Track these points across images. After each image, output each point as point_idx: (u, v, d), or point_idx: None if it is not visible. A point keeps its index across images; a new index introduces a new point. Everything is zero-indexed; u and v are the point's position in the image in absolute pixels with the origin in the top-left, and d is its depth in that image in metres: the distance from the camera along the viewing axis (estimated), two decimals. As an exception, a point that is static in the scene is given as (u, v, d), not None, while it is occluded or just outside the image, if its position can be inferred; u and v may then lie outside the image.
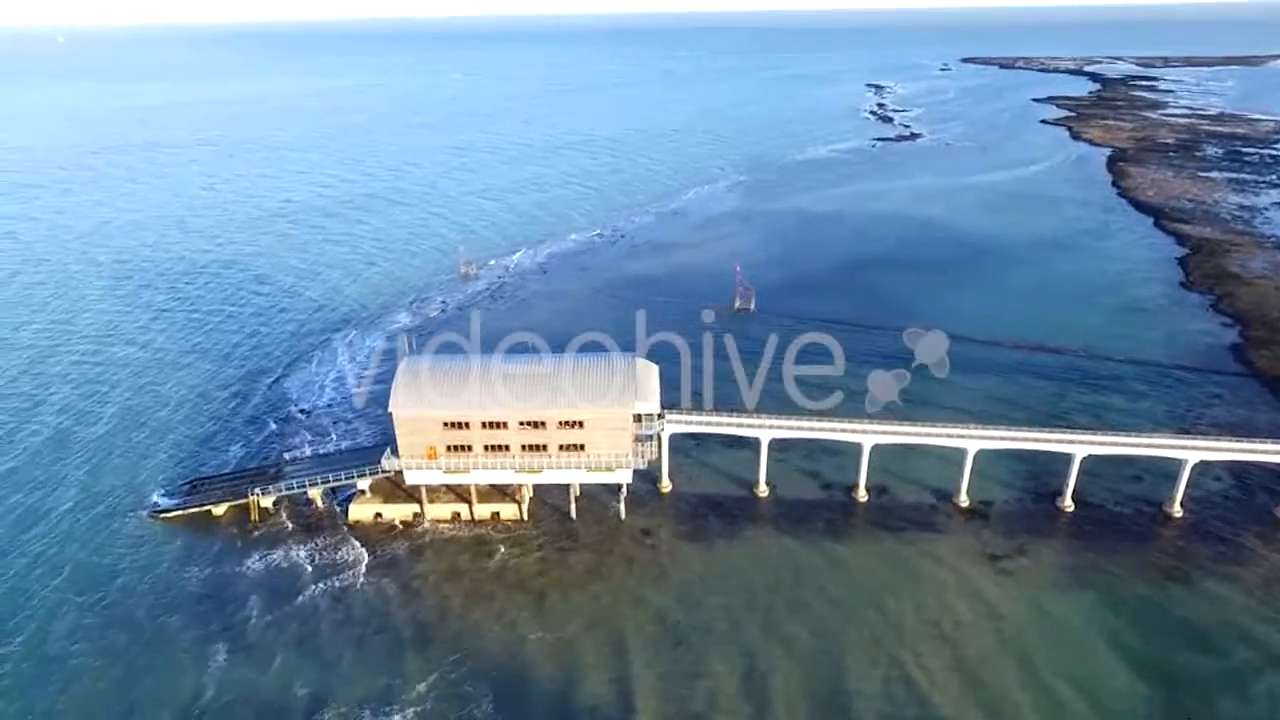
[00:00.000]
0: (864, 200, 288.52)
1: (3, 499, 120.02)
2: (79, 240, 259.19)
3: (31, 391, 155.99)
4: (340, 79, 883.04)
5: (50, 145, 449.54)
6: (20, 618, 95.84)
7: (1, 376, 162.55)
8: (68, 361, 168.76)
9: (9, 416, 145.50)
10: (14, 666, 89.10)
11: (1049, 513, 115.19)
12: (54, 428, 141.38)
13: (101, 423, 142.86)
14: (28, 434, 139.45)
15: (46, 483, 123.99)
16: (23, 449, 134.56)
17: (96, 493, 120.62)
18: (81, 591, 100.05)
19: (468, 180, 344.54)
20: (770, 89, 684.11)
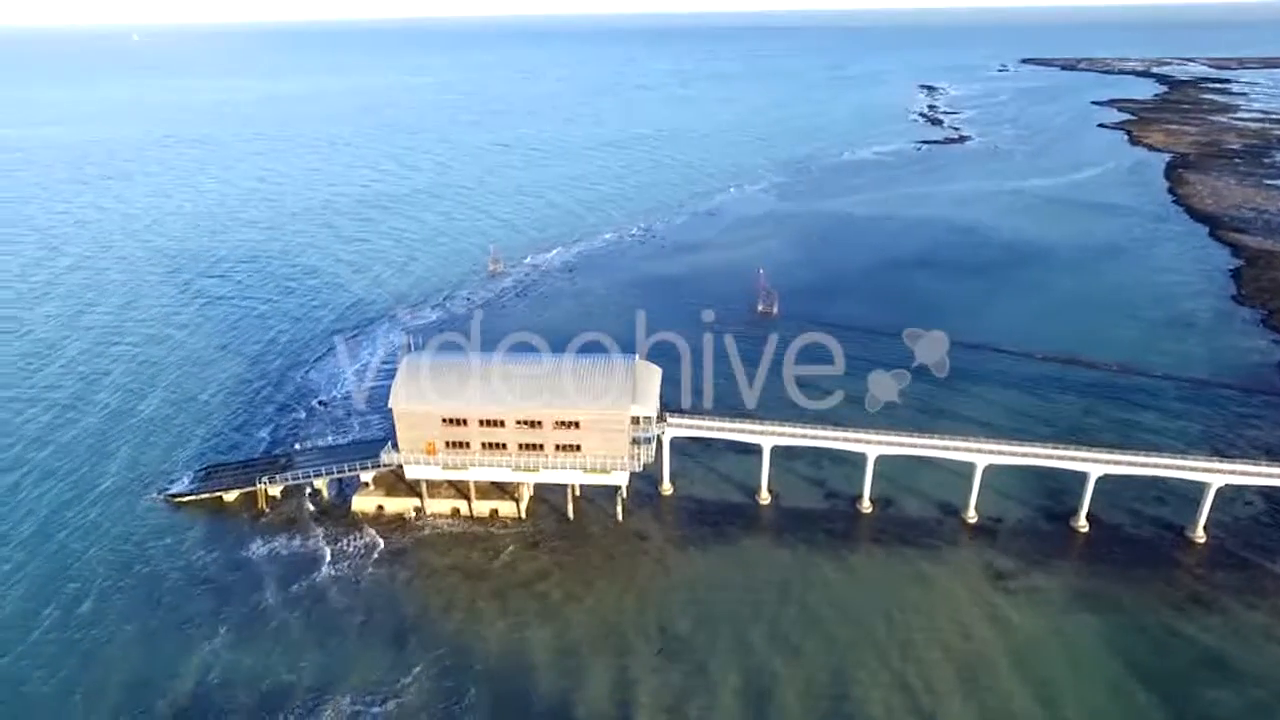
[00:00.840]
0: (903, 204, 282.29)
1: (39, 477, 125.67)
2: (142, 229, 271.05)
3: (85, 372, 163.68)
4: (393, 76, 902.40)
5: (121, 137, 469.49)
6: (41, 593, 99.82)
7: (58, 358, 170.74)
8: (119, 346, 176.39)
9: (61, 396, 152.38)
10: (25, 640, 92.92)
11: (1061, 533, 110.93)
12: (98, 409, 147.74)
13: (139, 406, 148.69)
14: (75, 414, 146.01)
15: (82, 462, 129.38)
16: (67, 429, 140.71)
17: (122, 474, 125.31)
18: (96, 570, 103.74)
19: (510, 177, 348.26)
20: (821, 90, 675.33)
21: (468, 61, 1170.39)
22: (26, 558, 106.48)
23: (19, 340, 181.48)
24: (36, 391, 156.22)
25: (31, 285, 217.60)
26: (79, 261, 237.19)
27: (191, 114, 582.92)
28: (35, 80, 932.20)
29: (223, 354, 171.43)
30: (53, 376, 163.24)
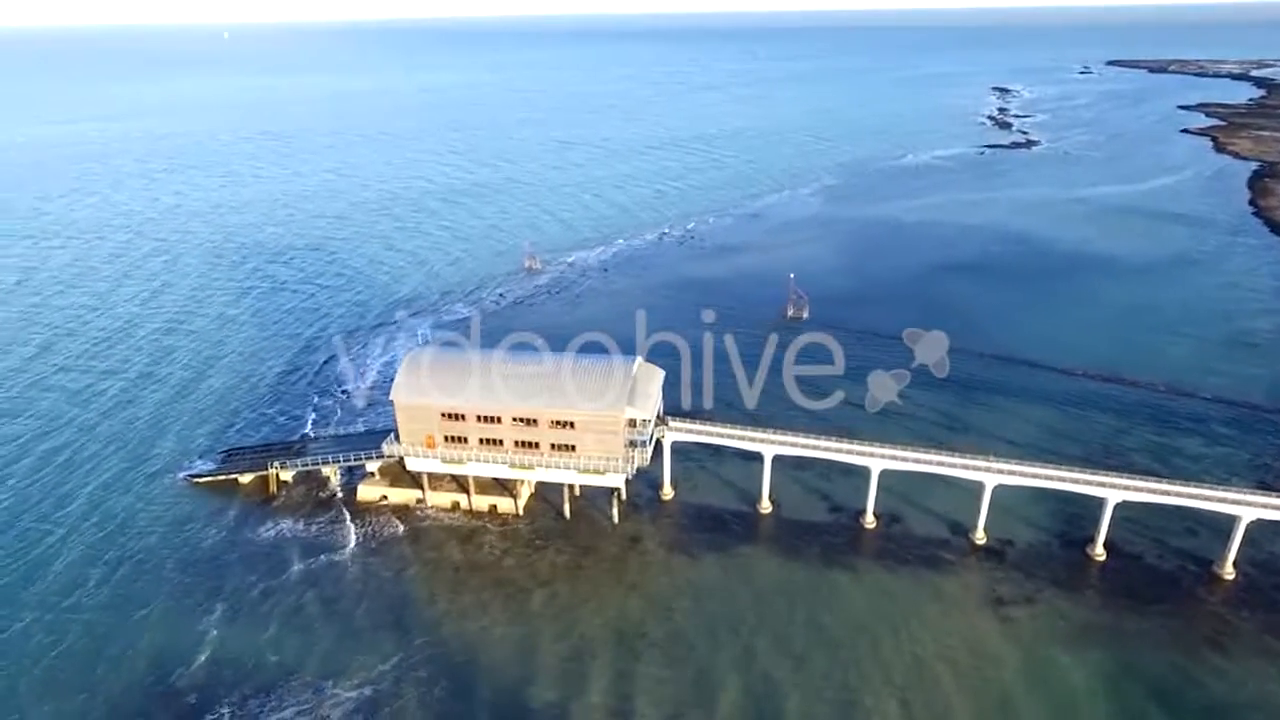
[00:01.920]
0: (957, 210, 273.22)
1: (95, 450, 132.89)
2: (216, 217, 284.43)
3: (151, 351, 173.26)
4: (463, 74, 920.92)
5: (205, 130, 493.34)
6: (59, 563, 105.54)
7: (131, 337, 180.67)
8: (183, 329, 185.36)
9: (96, 378, 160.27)
10: (42, 605, 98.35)
11: (1076, 560, 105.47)
12: (157, 387, 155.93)
13: (172, 387, 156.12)
14: (138, 390, 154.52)
15: (112, 440, 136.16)
16: (102, 405, 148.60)
17: (148, 453, 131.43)
18: (114, 543, 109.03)
19: (566, 174, 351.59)
20: (890, 90, 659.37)
21: (534, 59, 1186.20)
22: (68, 530, 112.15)
23: (101, 318, 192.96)
24: (109, 365, 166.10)
25: (117, 268, 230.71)
26: (159, 247, 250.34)
27: (269, 109, 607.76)
28: (132, 75, 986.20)
29: (271, 341, 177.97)
30: (124, 353, 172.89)
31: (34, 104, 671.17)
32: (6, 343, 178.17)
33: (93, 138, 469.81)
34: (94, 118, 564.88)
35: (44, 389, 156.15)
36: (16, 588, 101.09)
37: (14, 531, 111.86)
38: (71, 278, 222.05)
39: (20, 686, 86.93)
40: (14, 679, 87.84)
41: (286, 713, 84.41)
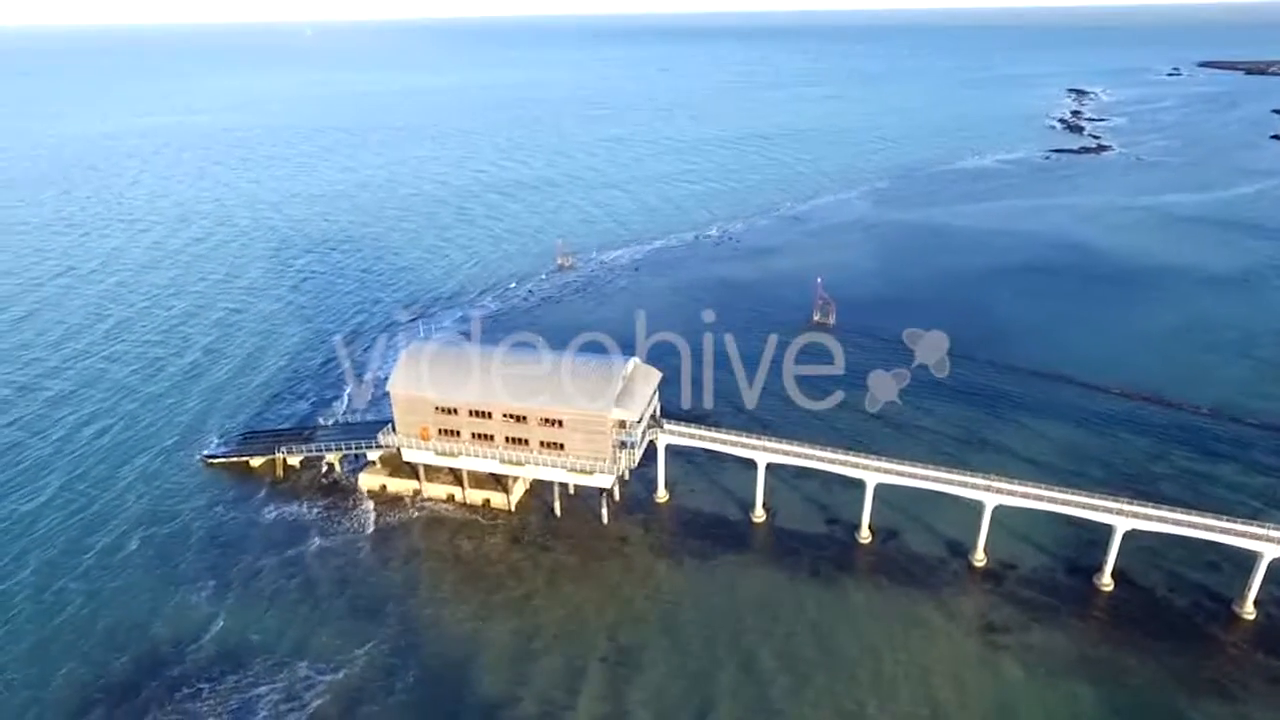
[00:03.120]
0: (1010, 217, 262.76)
1: (123, 426, 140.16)
2: (267, 207, 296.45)
3: (186, 333, 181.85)
4: (532, 71, 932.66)
5: (285, 123, 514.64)
6: (68, 532, 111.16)
7: (168, 319, 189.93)
8: (219, 312, 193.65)
9: (152, 359, 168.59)
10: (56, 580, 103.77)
11: (1081, 589, 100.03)
12: (186, 368, 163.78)
13: (221, 368, 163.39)
14: (169, 370, 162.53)
15: (151, 418, 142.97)
16: (157, 383, 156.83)
17: (177, 432, 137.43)
18: (129, 518, 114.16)
19: (616, 172, 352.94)
20: (962, 92, 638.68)
21: (606, 56, 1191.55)
22: (85, 500, 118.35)
23: (141, 299, 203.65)
24: (142, 347, 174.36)
25: (165, 252, 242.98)
26: (205, 233, 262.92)
27: (343, 103, 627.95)
28: (221, 71, 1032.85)
29: (304, 327, 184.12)
30: (158, 334, 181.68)
31: (129, 98, 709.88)
32: (82, 321, 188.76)
33: (183, 129, 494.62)
34: (184, 110, 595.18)
35: (106, 365, 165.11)
36: (28, 552, 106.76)
37: (33, 495, 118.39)
38: (150, 261, 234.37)
39: (14, 650, 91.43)
40: (8, 644, 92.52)
41: (261, 689, 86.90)
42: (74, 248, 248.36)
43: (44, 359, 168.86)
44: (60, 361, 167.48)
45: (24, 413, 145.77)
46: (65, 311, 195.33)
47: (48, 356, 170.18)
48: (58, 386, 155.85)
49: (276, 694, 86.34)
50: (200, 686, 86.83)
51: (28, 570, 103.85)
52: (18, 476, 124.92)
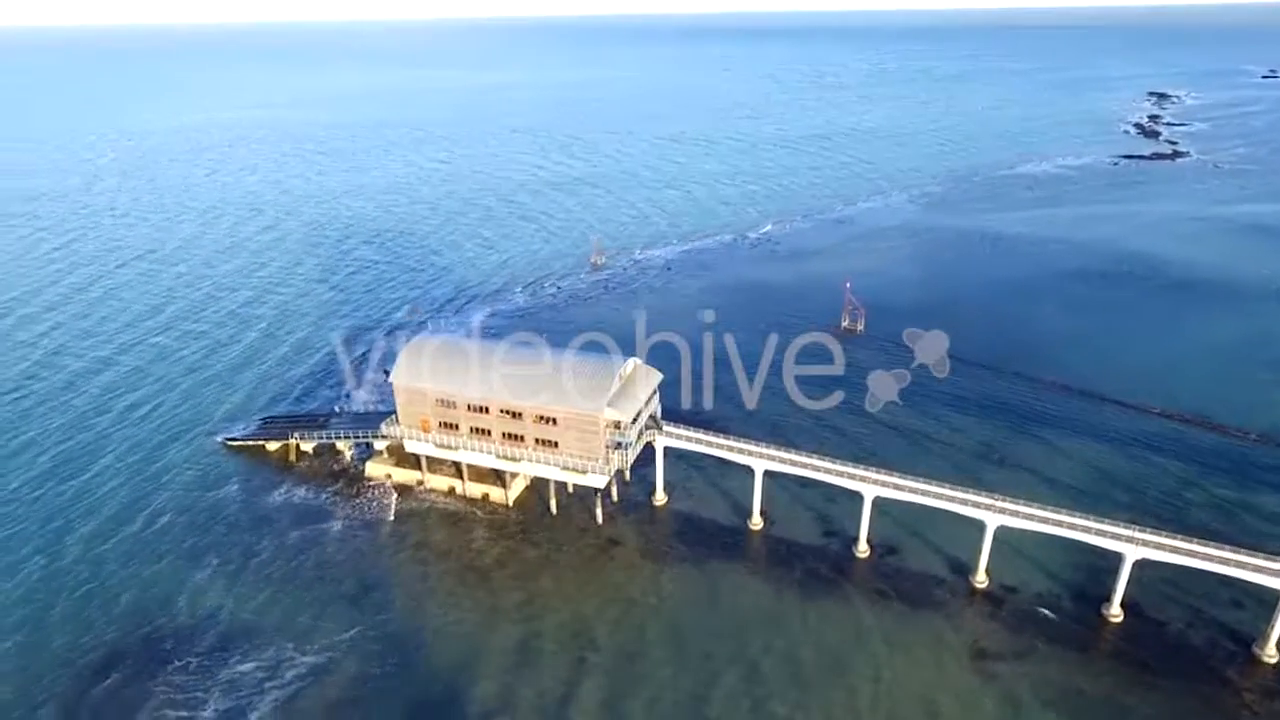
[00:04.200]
0: (1068, 225, 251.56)
1: (168, 406, 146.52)
2: (329, 200, 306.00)
3: (244, 316, 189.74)
4: (599, 70, 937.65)
5: (352, 119, 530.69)
6: (84, 505, 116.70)
7: (226, 305, 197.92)
8: (271, 302, 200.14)
9: (220, 336, 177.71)
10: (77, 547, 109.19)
11: (1087, 618, 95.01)
12: (235, 351, 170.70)
13: (246, 352, 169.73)
14: (221, 353, 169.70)
15: (179, 398, 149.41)
16: (184, 365, 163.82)
17: (203, 413, 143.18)
18: (147, 497, 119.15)
19: (666, 171, 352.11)
20: (1036, 93, 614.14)
21: (673, 55, 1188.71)
22: (103, 477, 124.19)
23: (208, 285, 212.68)
24: (204, 328, 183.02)
25: (235, 241, 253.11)
26: (272, 223, 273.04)
27: (408, 100, 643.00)
28: (298, 68, 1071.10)
29: (347, 318, 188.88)
30: (216, 318, 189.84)
31: (207, 93, 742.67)
32: (150, 304, 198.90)
33: (258, 123, 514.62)
34: (259, 105, 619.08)
35: (165, 347, 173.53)
36: (45, 521, 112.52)
37: (59, 468, 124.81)
38: (220, 250, 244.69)
39: (14, 617, 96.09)
40: (11, 609, 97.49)
41: (248, 666, 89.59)
42: (153, 235, 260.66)
43: (113, 337, 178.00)
44: (125, 340, 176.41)
45: (85, 389, 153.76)
46: (138, 294, 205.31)
47: (117, 335, 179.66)
48: (121, 363, 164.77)
49: (261, 671, 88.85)
50: (189, 660, 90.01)
51: (40, 540, 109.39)
52: (65, 449, 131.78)
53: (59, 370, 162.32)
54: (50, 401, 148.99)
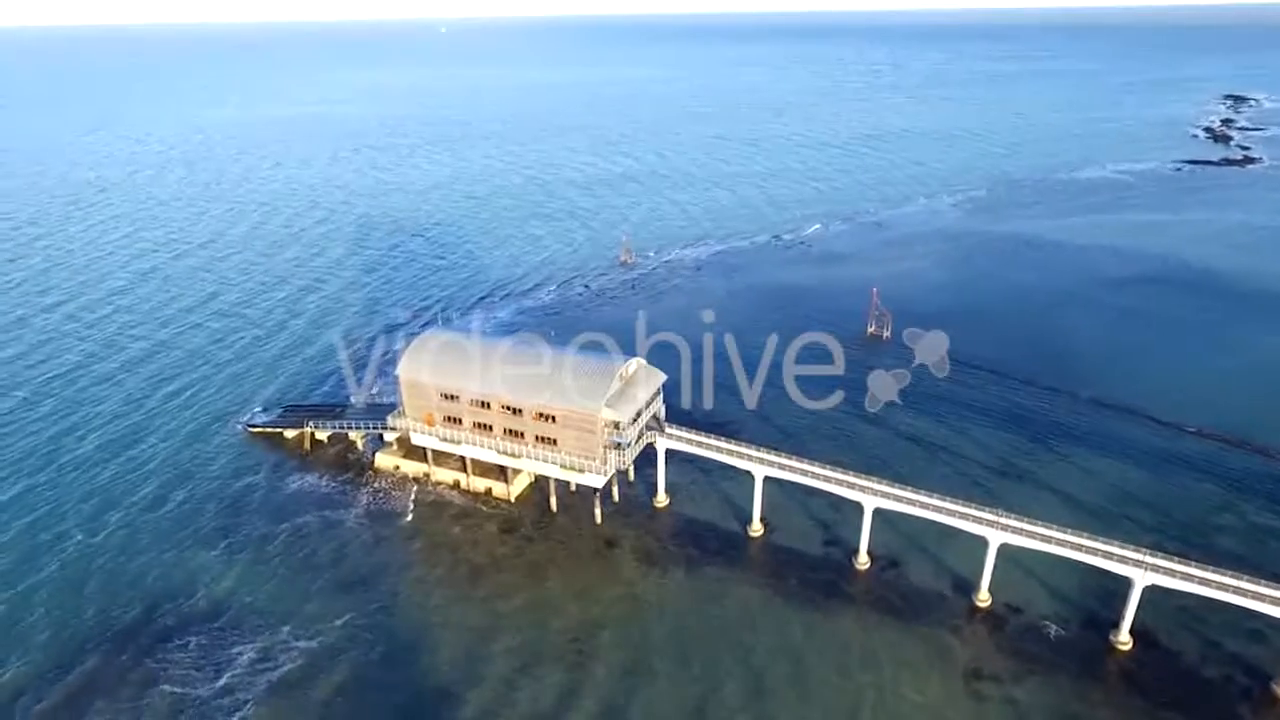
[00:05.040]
0: (1118, 232, 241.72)
1: (207, 390, 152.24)
2: (382, 194, 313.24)
3: (293, 306, 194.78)
4: (651, 69, 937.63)
5: (409, 114, 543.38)
6: (135, 490, 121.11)
7: (279, 293, 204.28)
8: (319, 292, 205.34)
9: (269, 323, 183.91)
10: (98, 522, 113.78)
11: (1093, 645, 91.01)
12: (281, 337, 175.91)
13: (288, 340, 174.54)
14: (241, 340, 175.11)
15: (219, 384, 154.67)
16: (230, 351, 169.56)
17: (234, 399, 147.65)
18: (169, 476, 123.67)
19: (709, 170, 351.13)
20: (1102, 95, 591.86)
21: (728, 55, 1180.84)
22: (151, 460, 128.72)
23: (263, 274, 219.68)
24: (252, 316, 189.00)
25: (288, 233, 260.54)
26: (323, 217, 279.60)
27: (462, 98, 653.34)
28: (365, 65, 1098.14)
29: (385, 310, 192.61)
30: (264, 307, 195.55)
31: (275, 89, 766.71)
32: (205, 290, 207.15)
33: (320, 119, 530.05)
34: (322, 101, 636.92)
35: (208, 331, 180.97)
36: (85, 498, 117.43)
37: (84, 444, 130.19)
38: (279, 240, 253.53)
39: (30, 593, 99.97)
40: (26, 579, 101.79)
41: (243, 647, 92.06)
42: (214, 225, 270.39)
43: (167, 322, 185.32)
44: (178, 326, 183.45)
45: (135, 372, 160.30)
46: (194, 282, 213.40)
47: (172, 320, 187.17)
48: (171, 348, 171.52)
49: (254, 653, 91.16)
50: (188, 639, 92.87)
51: (82, 516, 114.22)
52: (110, 430, 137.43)
53: (117, 353, 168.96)
54: (105, 383, 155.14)
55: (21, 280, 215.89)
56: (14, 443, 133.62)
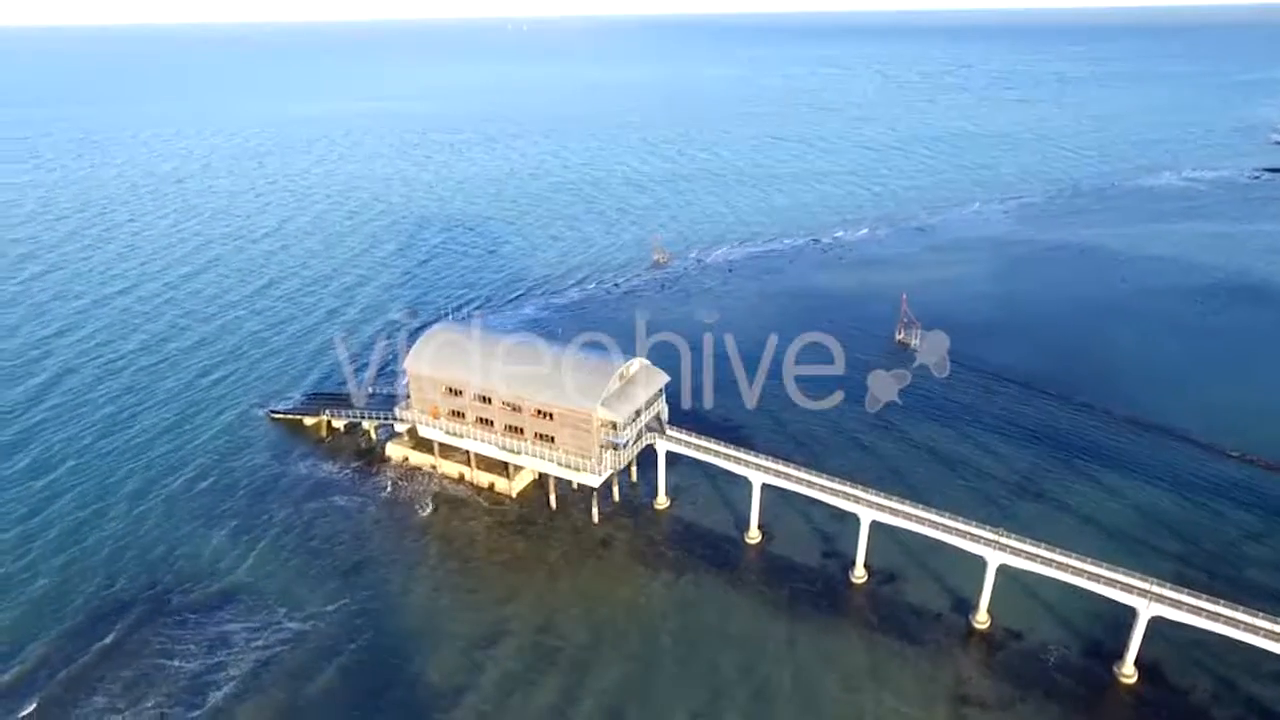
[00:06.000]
0: (1178, 242, 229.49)
1: (241, 375, 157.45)
2: (441, 190, 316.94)
3: (344, 297, 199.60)
4: (717, 68, 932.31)
5: (469, 110, 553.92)
6: (154, 467, 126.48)
7: (331, 284, 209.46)
8: (369, 286, 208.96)
9: (316, 313, 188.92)
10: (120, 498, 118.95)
11: (1096, 676, 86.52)
12: (303, 330, 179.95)
13: (316, 331, 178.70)
14: (287, 331, 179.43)
15: (257, 372, 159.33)
16: (273, 342, 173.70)
17: (267, 386, 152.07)
18: (190, 457, 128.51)
19: (756, 169, 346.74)
20: (1183, 98, 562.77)
21: (791, 55, 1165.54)
22: (175, 439, 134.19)
23: (319, 266, 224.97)
24: (294, 304, 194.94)
25: (349, 225, 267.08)
26: (385, 210, 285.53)
27: (523, 95, 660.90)
28: (442, 61, 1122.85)
29: (415, 301, 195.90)
30: (307, 296, 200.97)
31: (347, 85, 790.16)
32: (244, 278, 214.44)
33: (388, 114, 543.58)
34: (393, 97, 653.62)
35: (240, 316, 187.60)
36: (109, 473, 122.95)
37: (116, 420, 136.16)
38: (344, 230, 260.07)
39: (60, 559, 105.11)
40: (60, 551, 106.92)
41: (236, 626, 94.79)
42: (279, 216, 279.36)
43: (218, 310, 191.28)
44: (227, 312, 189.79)
45: (176, 357, 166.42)
46: (251, 270, 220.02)
47: (224, 308, 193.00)
48: (214, 333, 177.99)
49: (248, 633, 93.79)
50: (188, 616, 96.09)
51: (103, 490, 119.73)
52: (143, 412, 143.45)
53: (167, 339, 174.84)
54: (151, 368, 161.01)
55: (105, 264, 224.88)
56: (67, 423, 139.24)
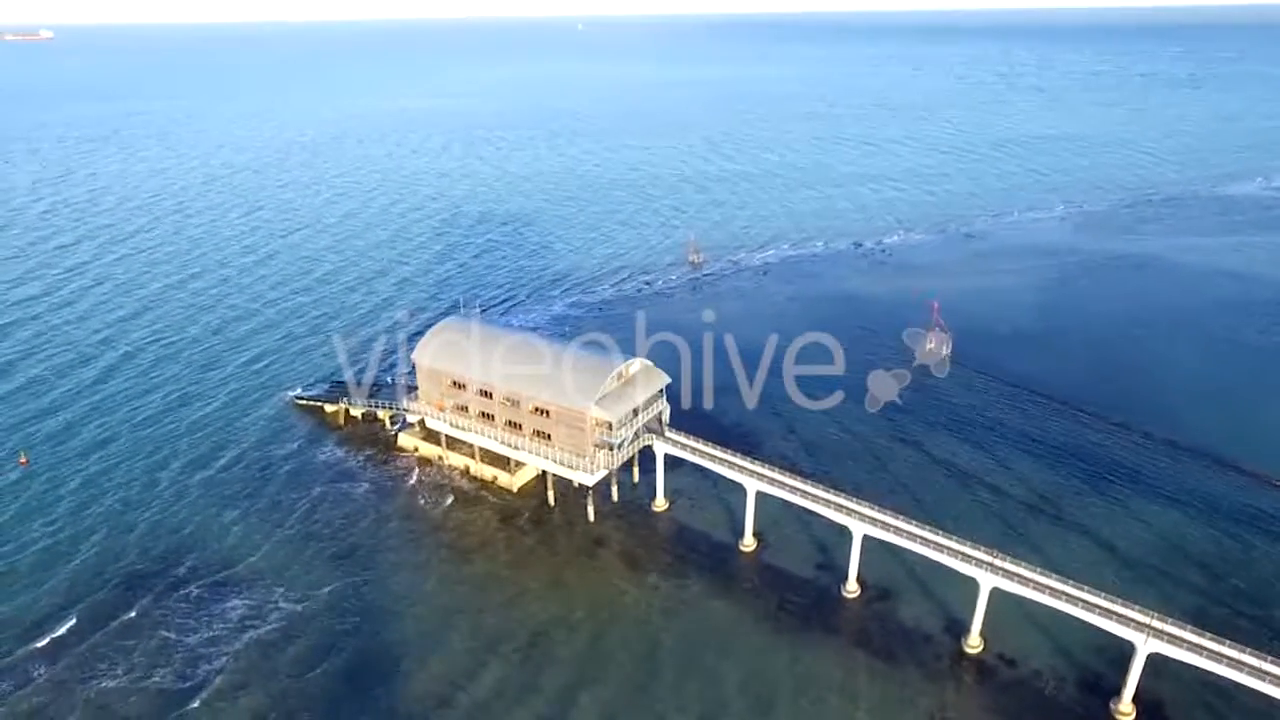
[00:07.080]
0: (1255, 257, 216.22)
1: (275, 361, 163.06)
2: (482, 185, 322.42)
3: (373, 286, 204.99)
4: (779, 67, 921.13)
5: (518, 110, 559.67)
6: (187, 450, 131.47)
7: (356, 272, 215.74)
8: (395, 276, 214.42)
9: (312, 305, 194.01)
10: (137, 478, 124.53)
11: (1092, 710, 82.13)
12: (344, 314, 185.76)
13: (375, 320, 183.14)
14: (321, 315, 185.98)
15: (294, 355, 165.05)
16: (310, 324, 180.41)
17: (295, 372, 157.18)
18: (202, 433, 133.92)
19: (811, 171, 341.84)
20: (1262, 104, 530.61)
21: (869, 54, 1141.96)
22: (213, 422, 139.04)
23: (361, 258, 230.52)
24: (336, 292, 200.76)
25: (396, 218, 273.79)
26: (432, 204, 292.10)
27: (583, 93, 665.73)
28: (502, 60, 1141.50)
29: (447, 297, 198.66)
30: (347, 286, 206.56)
31: (417, 81, 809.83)
32: (289, 266, 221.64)
33: (450, 111, 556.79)
34: (458, 94, 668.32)
35: (285, 305, 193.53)
36: (153, 453, 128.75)
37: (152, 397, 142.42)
38: (382, 223, 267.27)
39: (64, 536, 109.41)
40: (98, 525, 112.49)
41: (237, 602, 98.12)
42: (327, 206, 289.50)
43: (267, 301, 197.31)
44: (268, 300, 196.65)
45: (222, 342, 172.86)
46: (297, 259, 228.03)
47: (265, 294, 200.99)
48: (260, 319, 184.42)
49: (245, 609, 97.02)
50: (191, 589, 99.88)
51: (139, 471, 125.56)
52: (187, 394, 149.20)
53: (215, 323, 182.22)
54: (195, 349, 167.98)
55: (178, 251, 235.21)
56: (123, 405, 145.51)
